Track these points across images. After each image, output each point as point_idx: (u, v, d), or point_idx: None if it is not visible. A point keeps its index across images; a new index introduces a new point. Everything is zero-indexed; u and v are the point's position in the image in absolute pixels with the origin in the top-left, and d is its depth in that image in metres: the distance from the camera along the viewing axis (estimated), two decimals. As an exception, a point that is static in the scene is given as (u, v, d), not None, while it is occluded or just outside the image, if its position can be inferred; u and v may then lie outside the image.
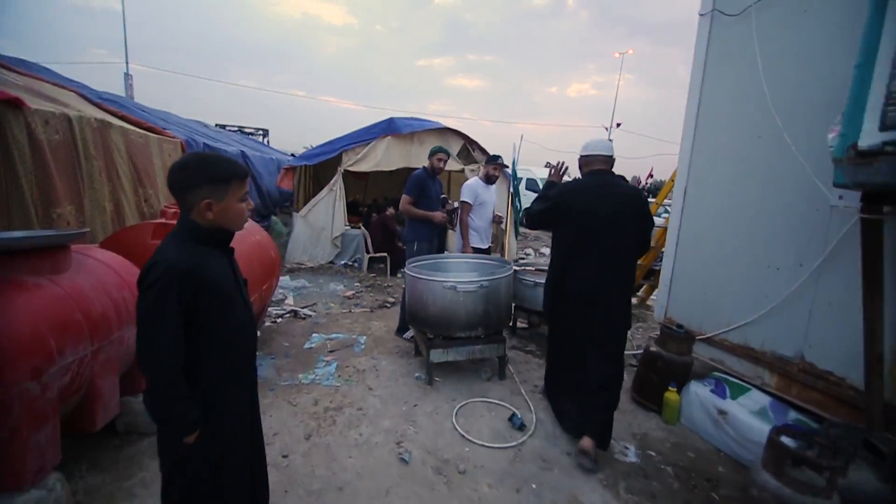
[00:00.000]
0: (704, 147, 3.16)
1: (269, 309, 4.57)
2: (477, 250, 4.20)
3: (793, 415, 2.56)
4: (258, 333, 3.70)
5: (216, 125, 14.73)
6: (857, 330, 2.27)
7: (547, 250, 10.63)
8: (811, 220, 2.49)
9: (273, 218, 9.85)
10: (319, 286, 5.94)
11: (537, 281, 4.01)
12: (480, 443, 2.49)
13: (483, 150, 7.91)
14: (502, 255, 8.35)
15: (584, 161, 2.62)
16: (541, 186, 12.90)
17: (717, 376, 2.94)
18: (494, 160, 4.23)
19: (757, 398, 2.70)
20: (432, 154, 4.02)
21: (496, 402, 2.95)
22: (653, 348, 2.98)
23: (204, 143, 5.95)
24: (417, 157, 7.40)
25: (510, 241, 8.47)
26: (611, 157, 2.61)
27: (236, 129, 14.94)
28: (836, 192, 2.35)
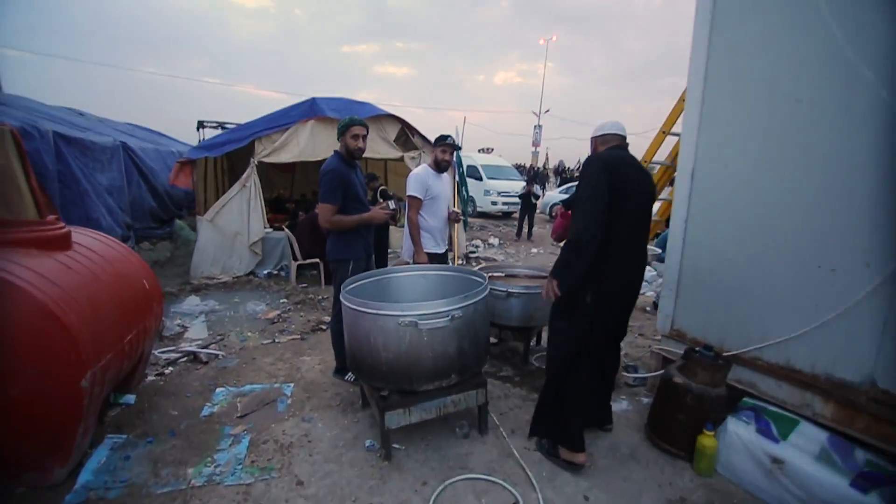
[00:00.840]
0: (719, 118, 2.51)
1: (156, 353, 3.37)
2: (432, 258, 3.31)
3: (861, 455, 1.99)
4: (131, 401, 2.56)
5: (198, 122, 12.98)
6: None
7: (495, 241, 9.99)
8: (883, 204, 1.90)
9: (178, 223, 8.27)
10: (234, 307, 4.73)
11: (511, 290, 3.24)
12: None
13: (423, 137, 6.98)
14: (452, 252, 7.54)
15: (602, 140, 2.30)
16: (482, 173, 12.19)
17: (750, 404, 2.34)
18: (444, 140, 3.32)
19: (810, 434, 2.12)
20: (344, 130, 2.75)
21: (484, 477, 2.11)
22: (677, 379, 2.30)
23: (54, 133, 4.43)
24: (349, 144, 6.29)
25: (459, 235, 7.68)
26: (625, 136, 2.31)
27: (216, 125, 13.24)
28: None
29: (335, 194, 2.67)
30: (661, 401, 2.40)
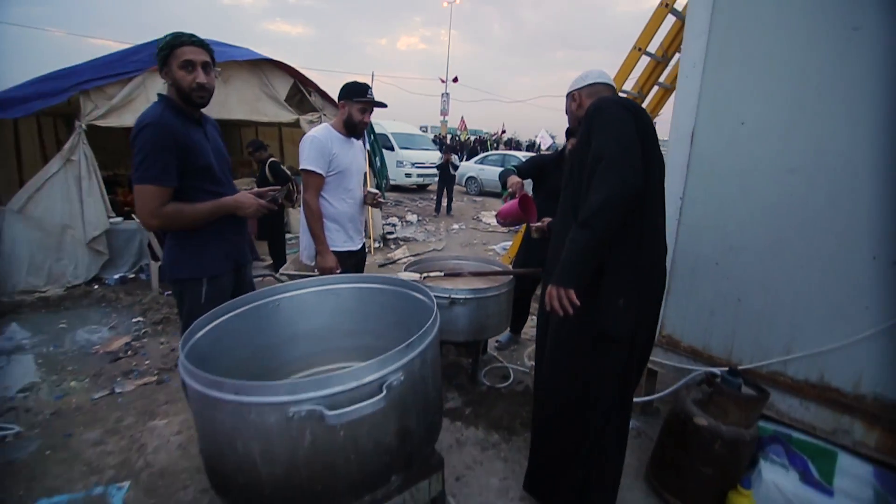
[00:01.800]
0: (733, 54, 1.85)
1: None
2: (344, 259, 2.34)
3: (920, 494, 1.57)
4: None
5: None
6: None
7: (413, 217, 9.07)
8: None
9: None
10: (57, 338, 3.29)
11: (455, 296, 2.42)
12: None
13: (326, 96, 5.70)
14: (367, 238, 6.50)
15: (590, 92, 1.63)
16: (393, 142, 11.06)
17: (770, 432, 1.84)
18: (362, 93, 2.27)
19: (855, 471, 1.66)
20: (166, 56, 1.58)
21: None
22: (700, 420, 1.69)
23: None
24: (223, 105, 4.85)
25: (373, 212, 6.64)
26: (615, 89, 1.71)
27: None
28: None
29: (162, 167, 1.52)
30: (673, 445, 1.79)
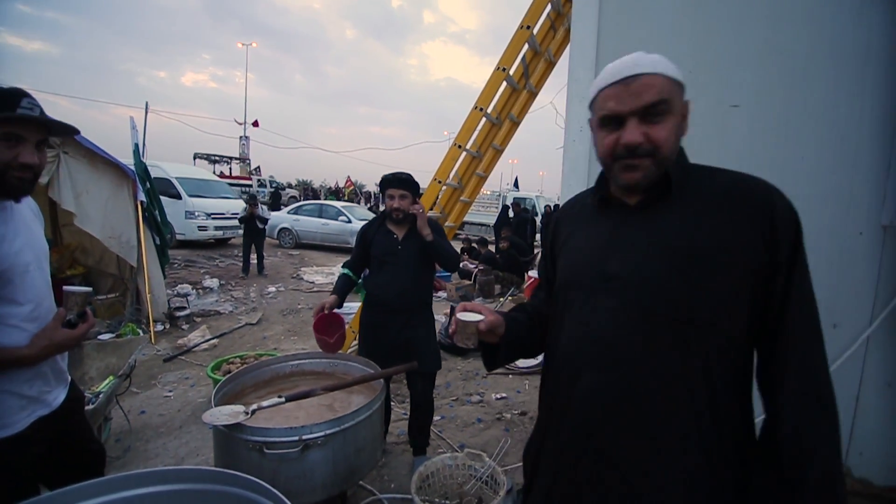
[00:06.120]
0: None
1: None
2: (21, 447, 1.19)
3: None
4: None
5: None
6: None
7: (213, 282, 7.29)
8: (848, 249, 1.47)
9: None
10: None
11: (308, 437, 1.61)
12: None
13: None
14: (139, 316, 4.74)
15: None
16: (179, 189, 9.05)
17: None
18: (8, 106, 0.99)
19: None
20: None
21: None
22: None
23: None
24: None
25: (152, 281, 4.90)
26: None
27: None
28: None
29: None
30: None
